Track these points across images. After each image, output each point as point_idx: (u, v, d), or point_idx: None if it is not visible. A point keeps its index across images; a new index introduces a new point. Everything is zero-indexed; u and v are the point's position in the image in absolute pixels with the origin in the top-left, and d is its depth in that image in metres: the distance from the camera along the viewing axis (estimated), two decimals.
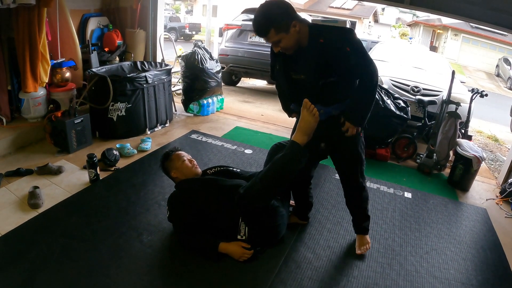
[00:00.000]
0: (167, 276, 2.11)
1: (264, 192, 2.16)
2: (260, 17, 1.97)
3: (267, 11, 1.97)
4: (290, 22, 1.95)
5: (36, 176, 3.05)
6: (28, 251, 2.17)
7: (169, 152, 2.61)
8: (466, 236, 2.87)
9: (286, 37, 1.98)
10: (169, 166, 2.54)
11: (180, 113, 5.00)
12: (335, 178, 3.44)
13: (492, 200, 3.55)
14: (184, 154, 2.60)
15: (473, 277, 2.39)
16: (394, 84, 4.67)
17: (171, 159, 2.55)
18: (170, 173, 2.54)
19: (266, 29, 1.96)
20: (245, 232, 2.30)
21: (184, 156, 2.57)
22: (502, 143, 6.56)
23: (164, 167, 2.57)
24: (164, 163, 2.57)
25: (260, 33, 2.01)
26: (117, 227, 2.46)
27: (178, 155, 2.57)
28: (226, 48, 6.58)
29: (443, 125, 3.91)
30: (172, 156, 2.57)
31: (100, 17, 4.84)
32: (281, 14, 1.95)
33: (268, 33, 1.96)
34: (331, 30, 2.09)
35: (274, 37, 1.97)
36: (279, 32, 1.95)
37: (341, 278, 2.24)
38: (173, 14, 25.97)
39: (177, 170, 2.50)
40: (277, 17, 1.94)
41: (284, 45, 2.02)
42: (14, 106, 3.77)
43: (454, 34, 23.99)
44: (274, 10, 1.96)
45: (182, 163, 2.51)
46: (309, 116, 2.05)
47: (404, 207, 3.16)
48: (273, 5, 1.98)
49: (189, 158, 2.58)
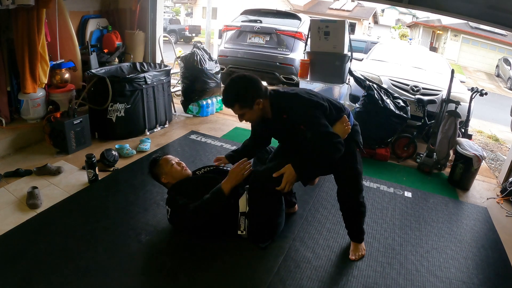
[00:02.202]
0: (166, 276, 2.10)
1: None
2: (228, 90, 2.19)
3: (235, 86, 2.18)
4: (254, 101, 2.14)
5: (35, 176, 3.05)
6: (26, 251, 2.16)
7: (156, 158, 2.59)
8: (467, 235, 2.86)
9: (249, 112, 2.19)
10: (158, 172, 2.52)
11: (179, 114, 4.99)
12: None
13: (493, 199, 3.54)
14: (171, 157, 2.59)
15: (474, 276, 2.37)
16: (393, 84, 4.66)
17: (159, 165, 2.53)
18: (160, 179, 2.53)
19: (231, 103, 2.18)
20: (245, 227, 2.31)
21: (172, 159, 2.55)
22: (503, 143, 6.55)
23: (153, 174, 2.56)
24: (153, 170, 2.55)
25: (226, 105, 2.22)
26: (116, 227, 2.45)
27: (166, 160, 2.55)
28: (225, 49, 6.57)
29: (443, 124, 3.90)
30: (160, 161, 2.55)
31: (99, 19, 4.86)
32: (246, 92, 2.14)
33: (233, 106, 2.19)
34: (292, 107, 2.19)
35: (238, 111, 2.20)
36: (243, 108, 2.17)
37: (340, 277, 2.22)
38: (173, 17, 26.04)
39: (167, 175, 2.49)
40: (242, 94, 2.14)
41: (248, 119, 2.26)
42: (14, 107, 3.77)
43: (454, 35, 24.01)
44: (241, 87, 2.15)
45: (171, 167, 2.49)
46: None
47: (404, 206, 3.15)
48: (241, 83, 2.18)
49: (177, 161, 2.56)
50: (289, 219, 2.69)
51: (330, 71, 4.57)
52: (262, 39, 6.31)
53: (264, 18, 6.60)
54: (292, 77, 6.04)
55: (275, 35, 6.21)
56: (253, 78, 2.20)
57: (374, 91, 4.02)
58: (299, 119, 2.15)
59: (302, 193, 2.97)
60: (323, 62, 4.59)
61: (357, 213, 2.39)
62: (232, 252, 2.31)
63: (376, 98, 3.95)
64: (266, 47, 6.27)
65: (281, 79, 6.21)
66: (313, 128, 2.10)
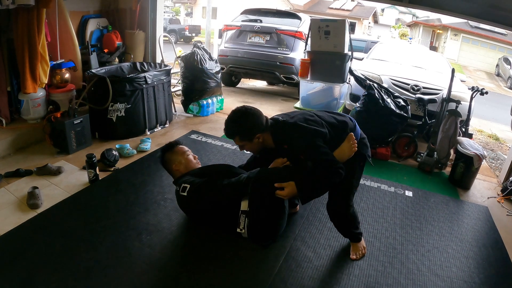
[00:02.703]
0: (166, 276, 2.10)
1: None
2: (230, 122, 2.25)
3: (237, 120, 2.23)
4: (254, 135, 2.20)
5: (35, 176, 3.04)
6: (26, 251, 2.16)
7: (172, 144, 2.63)
8: (468, 234, 2.85)
9: (250, 144, 2.27)
10: (172, 158, 2.55)
11: (179, 114, 4.99)
12: None
13: (494, 198, 3.53)
14: (187, 148, 2.65)
15: (475, 275, 2.37)
16: (394, 83, 4.66)
17: (174, 151, 2.58)
18: (171, 165, 2.54)
19: (232, 134, 2.26)
20: (245, 225, 2.30)
21: (188, 150, 2.62)
22: (503, 142, 6.54)
23: (165, 158, 2.57)
24: (166, 154, 2.57)
25: (227, 136, 2.29)
26: (116, 227, 2.45)
27: (183, 149, 2.61)
28: (225, 49, 6.57)
29: (444, 124, 3.89)
30: (176, 148, 2.59)
31: (99, 19, 4.86)
32: (246, 127, 2.20)
33: (233, 138, 2.26)
34: (292, 138, 2.20)
35: (239, 142, 2.28)
36: (243, 140, 2.24)
37: (342, 277, 2.22)
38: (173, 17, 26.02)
39: (180, 164, 2.53)
40: (242, 129, 2.21)
41: (248, 150, 2.34)
42: (14, 107, 3.77)
43: (454, 34, 24.00)
44: (243, 122, 2.21)
45: (187, 157, 2.55)
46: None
47: (405, 206, 3.14)
48: (243, 117, 2.22)
49: (192, 154, 2.64)
50: (290, 218, 2.68)
51: (330, 71, 4.57)
52: (262, 38, 6.31)
53: (264, 17, 6.60)
54: (293, 76, 6.04)
55: (275, 34, 6.21)
56: (255, 113, 2.24)
57: (374, 90, 4.02)
58: (299, 149, 2.18)
59: None
60: (323, 62, 4.59)
61: (346, 223, 2.40)
62: (233, 252, 2.31)
63: (377, 98, 3.94)
64: (266, 47, 6.26)
65: (281, 78, 6.21)
66: (313, 158, 2.13)
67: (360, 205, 3.05)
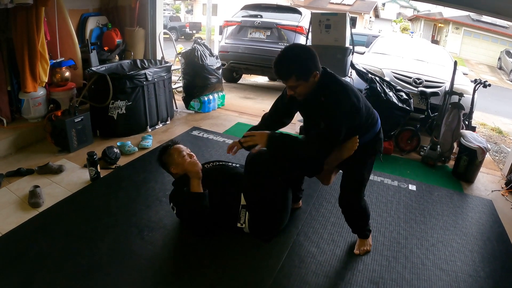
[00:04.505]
0: (168, 273, 2.09)
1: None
2: (285, 60, 1.95)
3: (294, 56, 1.94)
4: (312, 73, 1.94)
5: (36, 175, 3.03)
6: (28, 250, 2.15)
7: (166, 146, 2.54)
8: (472, 227, 2.83)
9: (304, 85, 1.97)
10: (168, 161, 2.48)
11: (181, 110, 4.98)
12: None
13: (498, 192, 3.51)
14: (183, 148, 2.52)
15: (481, 268, 2.35)
16: (396, 77, 4.63)
17: (169, 154, 2.48)
18: (169, 169, 2.49)
19: (288, 74, 1.94)
20: (245, 220, 2.29)
21: (183, 150, 2.49)
22: (506, 135, 6.50)
23: (162, 162, 2.52)
24: (162, 158, 2.51)
25: (280, 76, 2.00)
26: (118, 225, 2.44)
27: (178, 149, 2.48)
28: (226, 44, 6.55)
29: (446, 117, 3.86)
30: (171, 150, 2.49)
31: (99, 16, 4.84)
32: (306, 62, 1.93)
33: (288, 78, 1.95)
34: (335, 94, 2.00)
35: (293, 83, 1.96)
36: (299, 80, 1.94)
37: (345, 272, 2.21)
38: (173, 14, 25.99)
39: (177, 166, 2.43)
40: (302, 65, 1.93)
41: (300, 92, 2.02)
42: (14, 106, 3.75)
43: (455, 28, 23.87)
44: (301, 57, 1.93)
45: (182, 158, 2.43)
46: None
47: (408, 200, 3.12)
48: (301, 51, 1.96)
49: (188, 153, 2.50)
50: (293, 214, 2.67)
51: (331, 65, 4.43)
52: (262, 34, 6.28)
53: (265, 12, 6.57)
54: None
55: (275, 29, 6.18)
56: (310, 47, 2.03)
57: (376, 84, 3.99)
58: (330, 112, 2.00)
59: (306, 187, 2.94)
60: (324, 56, 4.49)
61: (358, 217, 2.36)
62: (235, 248, 2.30)
63: (379, 91, 3.91)
64: (267, 42, 6.24)
65: None
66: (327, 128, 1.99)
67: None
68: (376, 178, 3.43)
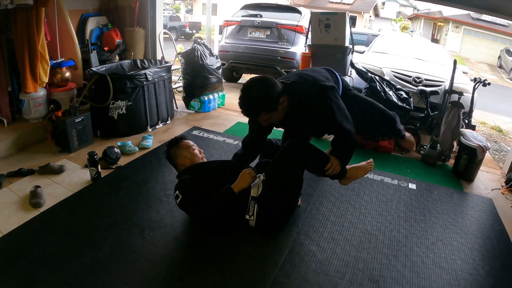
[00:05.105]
0: (169, 272, 2.10)
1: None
2: (249, 101, 2.01)
3: (256, 94, 1.99)
4: (278, 100, 2.00)
5: (37, 176, 3.04)
6: (30, 250, 2.16)
7: (177, 139, 2.63)
8: (472, 226, 2.84)
9: (276, 113, 2.05)
10: (177, 153, 2.54)
11: (181, 110, 4.98)
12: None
13: (498, 190, 3.51)
14: (192, 143, 2.64)
15: (481, 267, 2.35)
16: (395, 75, 4.63)
17: (180, 146, 2.56)
18: (176, 160, 2.54)
19: (256, 113, 2.03)
20: (254, 212, 2.30)
21: (193, 144, 2.61)
22: (506, 134, 6.51)
23: (170, 153, 2.57)
24: (171, 150, 2.57)
25: (250, 117, 2.09)
26: (119, 224, 2.45)
27: (188, 143, 2.59)
28: (226, 44, 6.55)
29: (446, 115, 3.87)
30: (182, 143, 2.58)
31: (99, 17, 4.84)
32: (269, 95, 1.98)
33: (258, 116, 2.02)
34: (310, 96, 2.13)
35: (265, 117, 2.04)
36: (269, 113, 2.02)
37: (346, 270, 2.21)
38: (173, 14, 25.97)
39: (185, 158, 2.51)
40: (266, 100, 1.98)
41: (274, 120, 2.11)
42: (15, 107, 3.76)
43: (455, 27, 23.85)
44: (263, 92, 1.98)
45: (192, 151, 2.53)
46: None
47: (408, 198, 3.13)
48: (261, 87, 2.00)
49: (198, 149, 2.62)
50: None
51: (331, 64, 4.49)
52: (262, 33, 6.28)
53: (264, 12, 6.57)
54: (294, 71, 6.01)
55: (275, 29, 6.18)
56: (271, 78, 2.08)
57: (376, 83, 4.00)
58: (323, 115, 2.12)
59: (306, 186, 2.93)
60: (324, 55, 4.56)
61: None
62: (236, 248, 2.30)
63: (379, 90, 3.92)
64: (267, 41, 6.24)
65: (282, 73, 6.19)
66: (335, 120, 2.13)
67: (363, 198, 3.04)
68: (376, 177, 3.44)
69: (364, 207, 2.88)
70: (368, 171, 2.53)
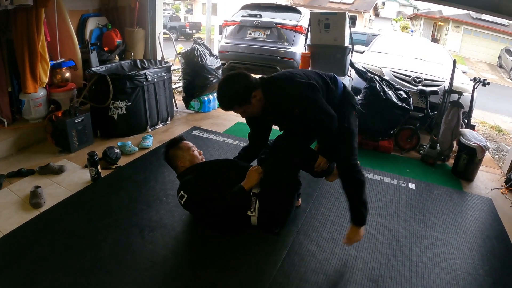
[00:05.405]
0: (169, 272, 2.10)
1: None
2: (222, 95, 2.18)
3: (228, 89, 2.16)
4: (250, 95, 2.13)
5: (37, 176, 3.05)
6: (30, 250, 2.17)
7: (177, 139, 2.62)
8: (472, 226, 2.84)
9: (250, 107, 2.18)
10: (176, 154, 2.54)
11: (181, 110, 4.99)
12: None
13: (497, 190, 3.52)
14: (192, 144, 2.64)
15: (480, 267, 2.36)
16: (395, 75, 4.64)
17: (179, 147, 2.56)
18: (175, 161, 2.53)
19: (230, 106, 2.17)
20: (255, 208, 2.32)
21: (193, 146, 2.61)
22: (506, 133, 6.50)
23: (169, 154, 2.56)
24: (170, 150, 2.56)
25: (225, 109, 2.21)
26: (119, 224, 2.46)
27: (188, 145, 2.59)
28: (226, 44, 6.54)
29: (446, 115, 3.87)
30: (181, 144, 2.58)
31: (98, 17, 4.85)
32: (240, 89, 2.12)
33: (232, 109, 2.17)
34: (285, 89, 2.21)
35: (239, 110, 2.19)
36: (242, 106, 2.16)
37: (345, 270, 2.22)
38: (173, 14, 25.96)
39: (185, 159, 2.51)
40: (237, 94, 2.13)
41: (251, 112, 2.24)
42: (15, 107, 3.77)
43: (455, 26, 23.83)
44: (235, 87, 2.14)
45: (192, 152, 2.54)
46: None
47: (408, 198, 3.13)
48: (233, 82, 2.16)
49: (197, 150, 2.63)
50: None
51: (331, 64, 4.53)
52: (262, 33, 6.28)
53: (264, 12, 6.56)
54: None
55: (275, 29, 6.17)
56: (241, 73, 2.21)
57: (376, 83, 4.00)
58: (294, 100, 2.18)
59: (305, 186, 2.95)
60: (324, 55, 4.56)
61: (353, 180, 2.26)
62: (236, 247, 2.31)
63: (378, 90, 3.92)
64: (266, 42, 6.23)
65: None
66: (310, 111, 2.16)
67: None
68: (375, 177, 3.44)
69: None
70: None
